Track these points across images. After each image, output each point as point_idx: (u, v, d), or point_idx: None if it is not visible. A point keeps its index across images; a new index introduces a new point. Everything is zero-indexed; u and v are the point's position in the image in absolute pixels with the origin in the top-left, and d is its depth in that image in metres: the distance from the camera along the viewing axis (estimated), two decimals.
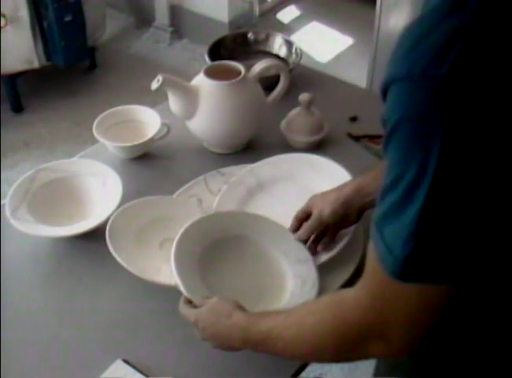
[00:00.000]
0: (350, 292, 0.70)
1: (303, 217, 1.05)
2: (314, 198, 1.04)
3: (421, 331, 0.65)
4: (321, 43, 3.22)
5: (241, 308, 0.86)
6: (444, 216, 0.56)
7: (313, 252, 1.05)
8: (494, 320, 0.72)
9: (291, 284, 1.00)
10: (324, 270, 1.02)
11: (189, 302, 0.90)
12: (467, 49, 0.51)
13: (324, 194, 1.04)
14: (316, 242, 1.05)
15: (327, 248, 1.05)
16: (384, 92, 0.57)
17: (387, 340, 0.66)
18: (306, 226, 1.03)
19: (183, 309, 0.89)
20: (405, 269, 0.59)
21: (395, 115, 0.56)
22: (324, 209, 1.01)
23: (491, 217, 0.56)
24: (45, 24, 2.53)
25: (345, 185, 1.03)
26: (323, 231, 1.04)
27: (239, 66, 1.28)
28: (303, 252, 1.03)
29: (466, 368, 0.78)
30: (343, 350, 0.71)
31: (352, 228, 1.06)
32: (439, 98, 0.52)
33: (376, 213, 0.61)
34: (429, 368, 0.82)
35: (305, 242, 1.05)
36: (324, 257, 1.05)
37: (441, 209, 0.55)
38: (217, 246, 1.02)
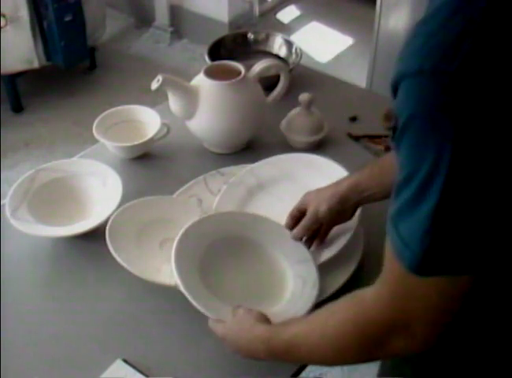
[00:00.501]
0: (369, 290, 0.70)
1: (298, 215, 1.04)
2: (308, 195, 1.03)
3: (443, 322, 0.65)
4: (321, 43, 3.22)
5: (265, 319, 0.86)
6: (459, 210, 0.56)
7: (308, 249, 1.04)
8: (497, 322, 0.72)
9: (292, 284, 1.00)
10: (324, 270, 1.02)
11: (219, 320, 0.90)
12: (477, 45, 0.51)
13: (319, 191, 1.02)
14: (311, 239, 1.05)
15: (322, 246, 1.05)
16: (395, 88, 0.57)
17: (411, 334, 0.66)
18: (303, 224, 1.02)
19: (212, 324, 0.90)
20: (422, 263, 0.59)
21: (407, 111, 0.56)
22: (320, 206, 1.00)
23: (506, 209, 0.56)
24: (45, 24, 2.53)
25: (341, 181, 1.02)
26: (318, 227, 1.04)
27: (239, 66, 1.28)
28: (303, 252, 1.03)
29: (467, 368, 0.78)
30: (367, 348, 0.71)
31: (352, 228, 1.06)
32: (450, 93, 0.52)
33: (391, 209, 0.61)
34: (431, 369, 0.83)
35: (300, 239, 1.05)
36: (325, 256, 1.05)
37: (456, 204, 0.56)
38: (217, 246, 1.02)
